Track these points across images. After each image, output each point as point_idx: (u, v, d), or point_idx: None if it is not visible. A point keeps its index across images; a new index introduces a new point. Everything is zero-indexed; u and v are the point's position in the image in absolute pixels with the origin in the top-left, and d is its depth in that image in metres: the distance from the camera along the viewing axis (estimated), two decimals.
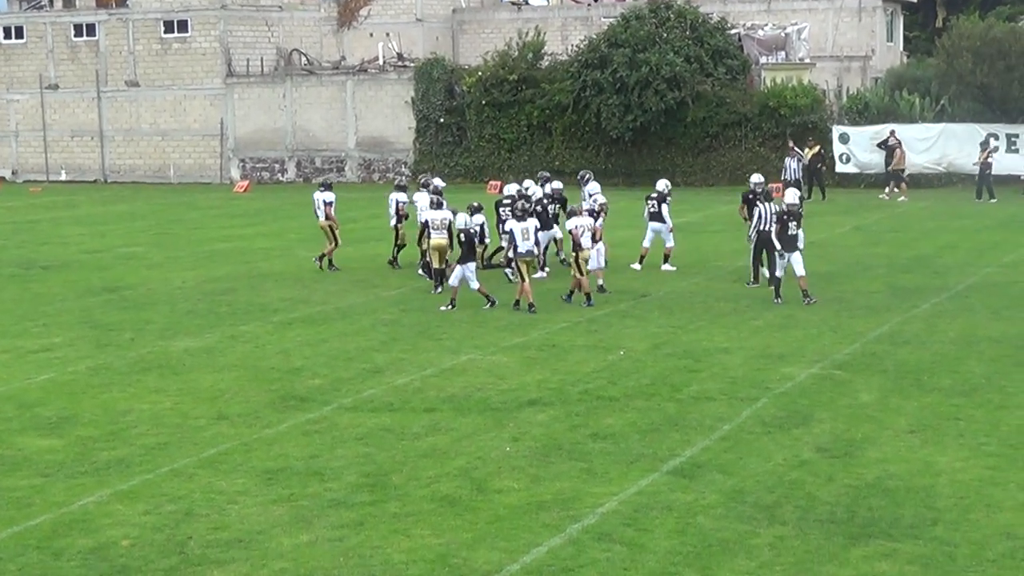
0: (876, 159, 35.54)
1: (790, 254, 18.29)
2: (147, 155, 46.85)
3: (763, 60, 40.99)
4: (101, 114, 47.17)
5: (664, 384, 14.02)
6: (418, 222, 21.83)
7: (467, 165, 41.52)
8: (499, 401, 13.43)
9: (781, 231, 18.34)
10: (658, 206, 21.65)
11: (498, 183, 38.02)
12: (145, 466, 11.43)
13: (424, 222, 20.64)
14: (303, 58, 46.76)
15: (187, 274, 23.25)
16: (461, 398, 13.60)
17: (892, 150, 34.43)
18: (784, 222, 18.33)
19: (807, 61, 41.92)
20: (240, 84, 45.18)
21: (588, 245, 18.95)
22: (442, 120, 41.99)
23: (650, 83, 37.51)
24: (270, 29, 46.74)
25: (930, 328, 16.78)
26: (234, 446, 11.99)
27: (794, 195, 18.97)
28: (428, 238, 20.36)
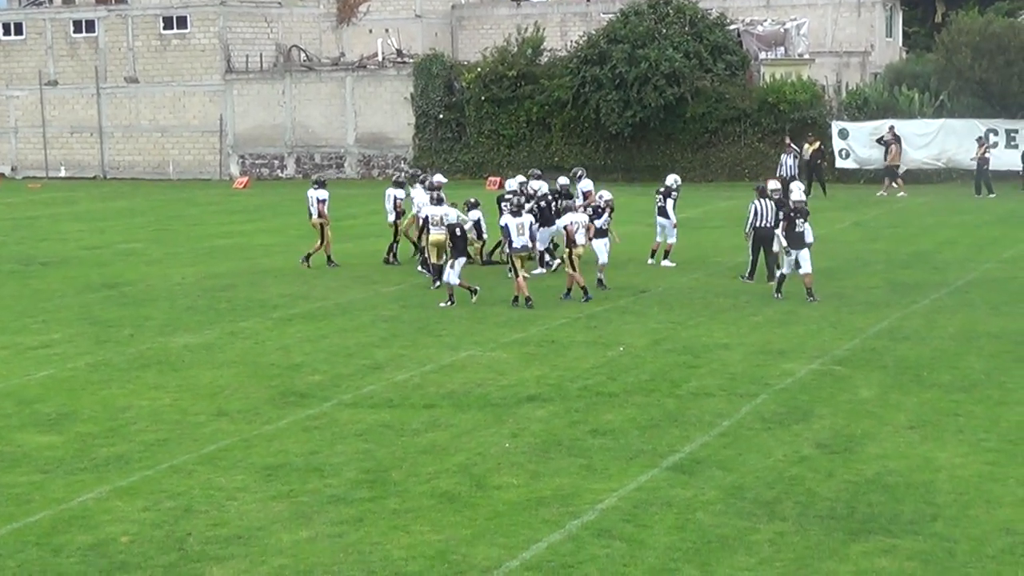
0: (875, 155, 35.53)
1: (797, 251, 18.24)
2: (146, 151, 46.82)
3: (762, 56, 40.95)
4: (100, 110, 47.14)
5: (663, 380, 14.02)
6: (415, 217, 21.87)
7: (466, 161, 41.50)
8: (498, 397, 13.43)
9: (789, 228, 18.30)
10: (663, 201, 21.69)
11: (497, 179, 38.09)
12: (144, 462, 11.43)
13: (424, 218, 20.66)
14: (302, 54, 46.72)
15: (187, 270, 23.24)
16: (460, 394, 13.60)
17: (888, 146, 34.45)
18: (791, 219, 18.28)
19: (806, 57, 41.89)
20: (239, 80, 45.15)
21: (583, 241, 18.99)
22: (441, 116, 41.97)
23: (649, 79, 37.48)
24: (269, 25, 46.71)
25: (930, 324, 16.78)
26: (234, 442, 11.99)
27: (800, 192, 18.94)
28: (427, 234, 20.39)
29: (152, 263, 24.39)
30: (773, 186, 20.18)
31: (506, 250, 19.36)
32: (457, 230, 18.84)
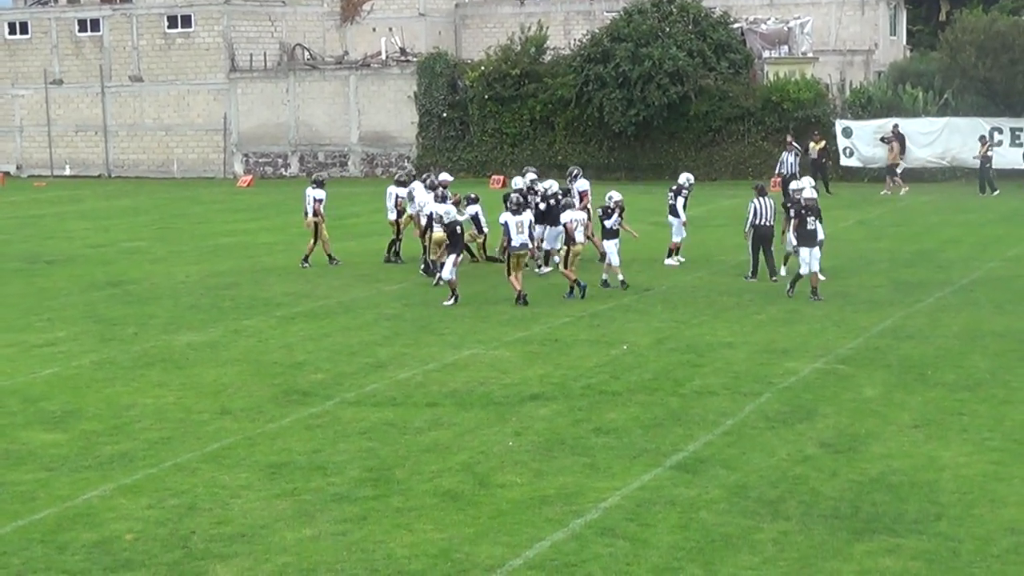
0: (879, 153, 35.48)
1: (810, 249, 18.18)
2: (151, 150, 46.86)
3: (766, 54, 40.91)
4: (105, 109, 47.17)
5: (667, 379, 14.02)
6: (415, 216, 21.90)
7: (470, 160, 41.49)
8: (501, 396, 13.43)
9: (799, 225, 18.26)
10: (674, 199, 21.75)
11: (501, 178, 38.09)
12: (149, 460, 11.45)
13: (428, 215, 20.71)
14: (306, 53, 46.73)
15: (190, 268, 23.26)
16: (463, 393, 13.60)
17: (890, 144, 34.46)
18: (802, 216, 18.24)
19: (810, 55, 41.84)
20: (243, 79, 45.17)
21: (582, 239, 19.01)
22: (445, 115, 41.96)
23: (653, 77, 37.45)
24: (273, 24, 46.73)
25: (934, 323, 16.76)
26: (237, 440, 12.00)
27: (812, 190, 18.91)
28: (431, 231, 20.47)
29: (156, 261, 24.42)
30: (795, 186, 19.76)
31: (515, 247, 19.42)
32: (457, 228, 18.88)
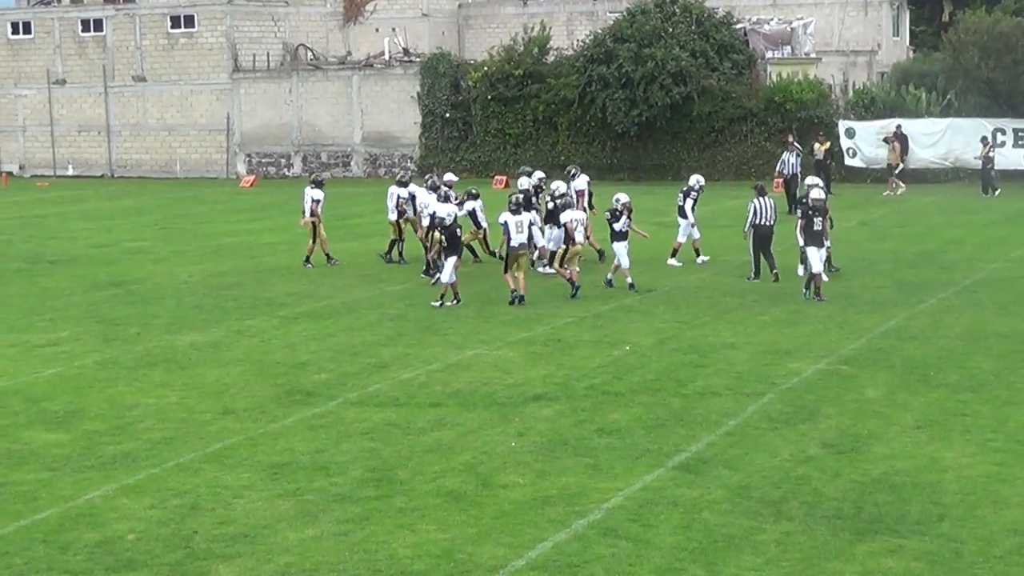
0: (882, 154, 35.45)
1: (818, 249, 18.11)
2: (154, 150, 46.89)
3: (769, 55, 40.89)
4: (108, 109, 47.21)
5: (669, 379, 14.01)
6: (419, 217, 21.92)
7: (473, 160, 41.49)
8: (504, 396, 13.43)
9: (806, 226, 18.23)
10: (683, 200, 21.80)
11: (504, 178, 38.08)
12: (151, 460, 11.45)
13: (432, 215, 20.74)
14: (309, 53, 46.75)
15: (193, 268, 23.27)
16: (466, 393, 13.60)
17: (891, 144, 34.47)
18: (809, 217, 18.21)
19: (813, 56, 41.83)
20: (246, 79, 45.19)
21: (581, 240, 19.01)
22: (448, 115, 41.96)
23: (655, 78, 37.44)
24: (276, 24, 46.74)
25: (937, 323, 16.74)
26: (240, 441, 12.01)
27: (820, 190, 18.88)
28: (435, 231, 20.49)
29: (159, 261, 24.43)
30: (811, 181, 20.06)
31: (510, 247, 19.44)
32: (456, 231, 18.89)
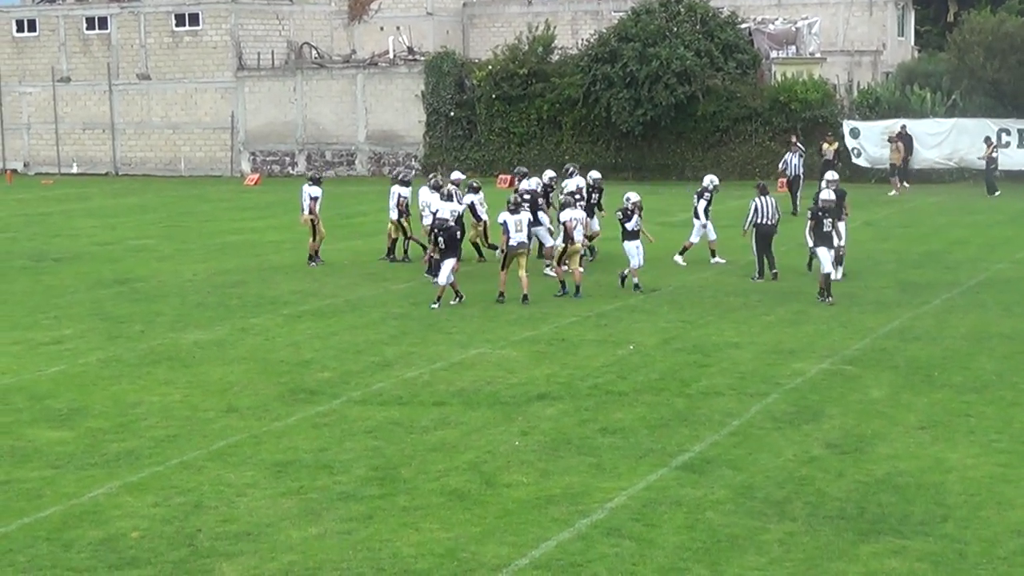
0: (887, 154, 35.42)
1: (828, 250, 18.03)
2: (158, 148, 46.93)
3: (773, 55, 40.86)
4: (112, 107, 47.25)
5: (673, 379, 14.01)
6: (421, 219, 21.93)
7: (477, 159, 41.49)
8: (508, 395, 13.43)
9: (816, 227, 18.18)
10: (696, 200, 21.85)
11: (508, 177, 38.05)
12: (155, 458, 11.46)
13: (434, 214, 20.72)
14: (314, 52, 46.76)
15: (197, 267, 23.29)
16: (470, 392, 13.60)
17: (895, 144, 34.46)
18: (819, 218, 18.16)
19: (818, 56, 41.78)
20: (251, 77, 45.21)
21: (580, 238, 19.00)
22: (452, 114, 41.96)
23: (660, 77, 37.42)
24: (281, 23, 46.76)
25: (941, 324, 16.72)
26: (243, 439, 12.01)
27: (830, 192, 18.86)
28: (433, 231, 20.53)
29: (163, 259, 24.45)
30: (830, 176, 20.19)
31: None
32: (456, 233, 18.91)
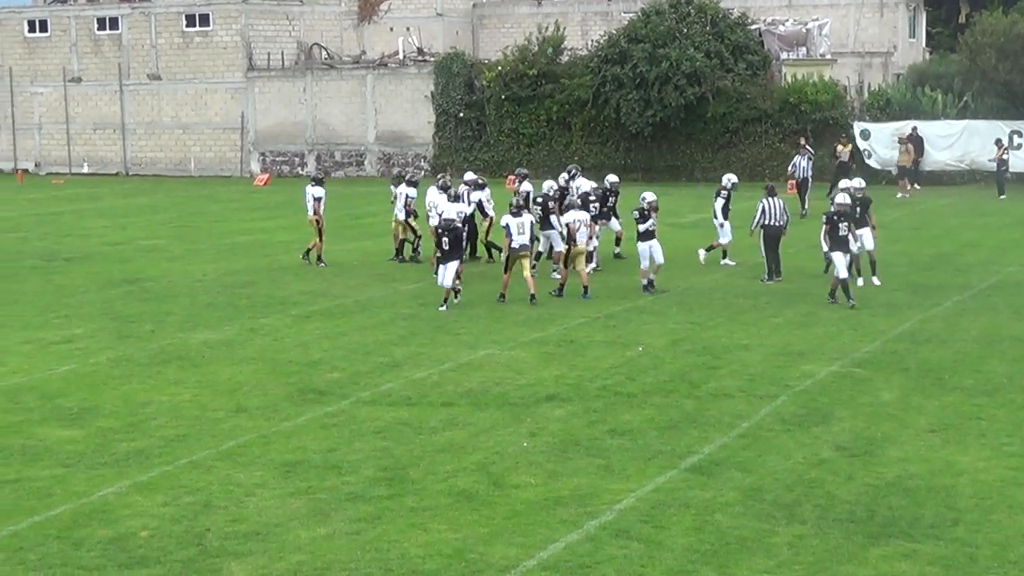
0: (897, 156, 35.33)
1: (844, 255, 17.99)
2: (168, 148, 47.03)
3: (784, 56, 40.77)
4: (123, 107, 47.37)
5: (682, 381, 13.98)
6: (428, 219, 21.94)
7: (486, 160, 41.49)
8: (517, 396, 13.42)
9: (831, 231, 18.07)
10: (714, 200, 21.87)
11: (514, 178, 38.05)
12: (164, 458, 11.48)
13: (440, 214, 20.75)
14: (323, 52, 46.82)
15: (207, 267, 23.33)
16: (479, 393, 13.60)
17: (904, 145, 34.37)
18: (834, 222, 18.05)
19: (828, 57, 41.69)
20: (261, 78, 45.29)
21: (583, 240, 18.97)
22: (462, 115, 41.98)
23: (670, 78, 37.39)
24: (291, 23, 46.83)
25: (951, 327, 16.67)
26: (252, 439, 12.03)
27: (845, 195, 18.81)
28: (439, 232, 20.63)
29: (173, 259, 24.50)
30: (858, 183, 20.11)
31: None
32: (463, 234, 18.93)
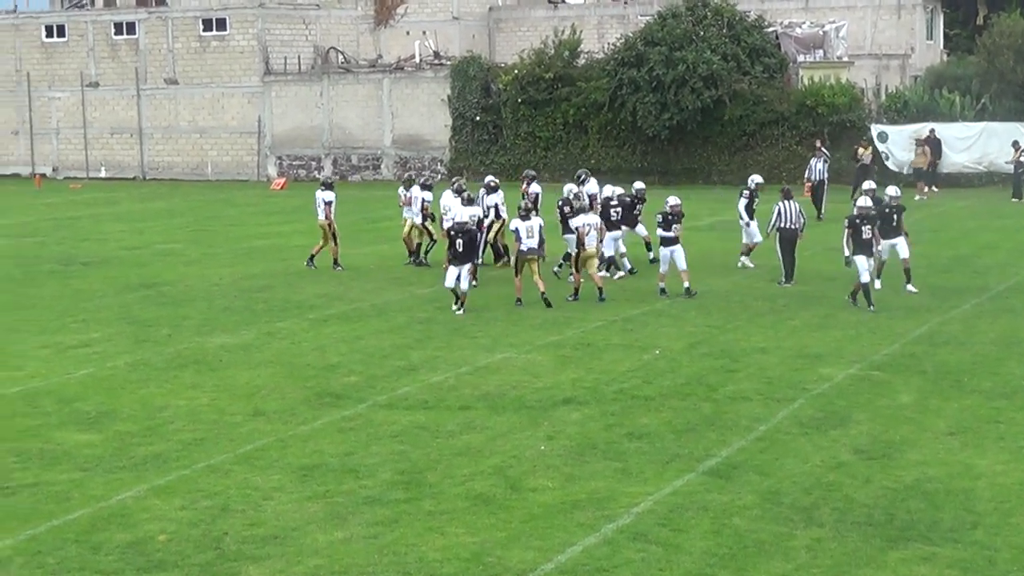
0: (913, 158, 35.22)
1: (866, 258, 17.89)
2: (185, 152, 47.23)
3: (801, 58, 40.68)
4: (140, 112, 47.61)
5: (700, 384, 13.95)
6: (442, 222, 21.97)
7: (503, 163, 41.50)
8: (534, 400, 13.42)
9: (854, 234, 17.98)
10: (738, 200, 21.86)
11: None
12: (182, 461, 11.52)
13: (453, 218, 20.78)
14: (340, 56, 46.94)
15: (224, 271, 23.41)
16: (496, 396, 13.60)
17: (921, 147, 34.25)
18: (856, 226, 17.96)
19: (845, 59, 41.56)
20: (277, 82, 45.44)
21: (592, 244, 18.94)
22: (478, 118, 42.01)
23: (687, 81, 37.34)
24: (307, 27, 46.97)
25: (970, 329, 16.59)
26: (270, 442, 12.06)
27: (867, 199, 18.74)
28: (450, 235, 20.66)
29: (190, 263, 24.59)
30: (893, 192, 19.54)
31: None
32: (477, 236, 18.93)
